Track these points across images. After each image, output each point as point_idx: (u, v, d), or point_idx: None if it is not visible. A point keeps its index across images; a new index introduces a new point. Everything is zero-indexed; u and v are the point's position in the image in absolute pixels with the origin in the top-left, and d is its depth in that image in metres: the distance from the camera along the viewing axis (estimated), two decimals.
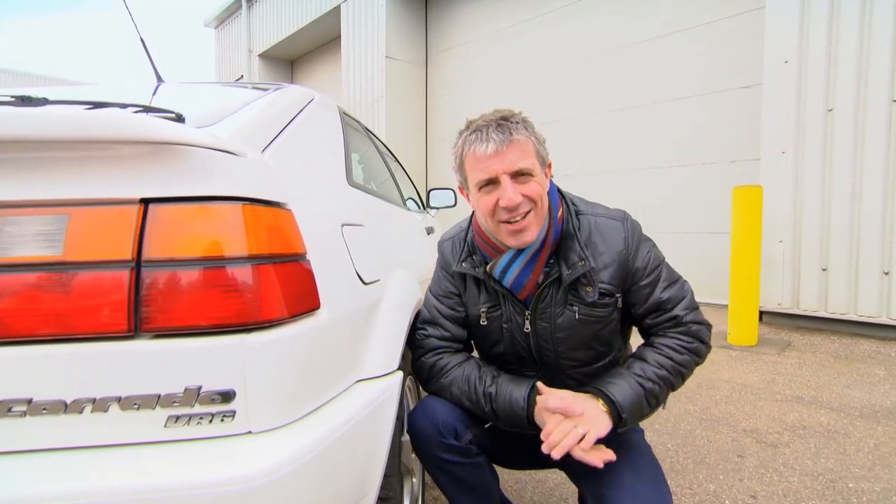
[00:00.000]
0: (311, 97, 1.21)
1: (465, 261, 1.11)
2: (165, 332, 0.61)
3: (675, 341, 1.02)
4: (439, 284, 1.17)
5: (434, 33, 7.28)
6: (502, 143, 0.93)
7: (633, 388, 0.97)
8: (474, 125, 0.98)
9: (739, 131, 4.33)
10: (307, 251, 0.75)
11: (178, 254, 0.61)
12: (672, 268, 1.07)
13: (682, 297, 1.04)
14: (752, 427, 2.05)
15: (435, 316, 1.14)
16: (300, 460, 0.64)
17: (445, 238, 1.20)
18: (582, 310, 1.02)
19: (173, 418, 0.61)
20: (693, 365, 1.04)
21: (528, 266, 1.01)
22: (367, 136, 1.97)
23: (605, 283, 1.01)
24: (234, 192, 0.65)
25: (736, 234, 3.27)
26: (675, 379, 1.01)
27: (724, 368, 2.84)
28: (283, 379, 0.67)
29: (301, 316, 0.71)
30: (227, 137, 0.74)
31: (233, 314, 0.62)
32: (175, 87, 1.33)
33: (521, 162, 0.94)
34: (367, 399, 0.85)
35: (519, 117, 0.98)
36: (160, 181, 0.62)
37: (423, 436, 1.04)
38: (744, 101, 4.28)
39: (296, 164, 0.90)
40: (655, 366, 1.00)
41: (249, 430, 0.63)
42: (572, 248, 1.01)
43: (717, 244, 4.38)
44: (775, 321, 3.79)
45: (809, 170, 3.51)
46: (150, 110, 0.81)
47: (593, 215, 1.05)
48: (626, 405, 0.95)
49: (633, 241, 1.02)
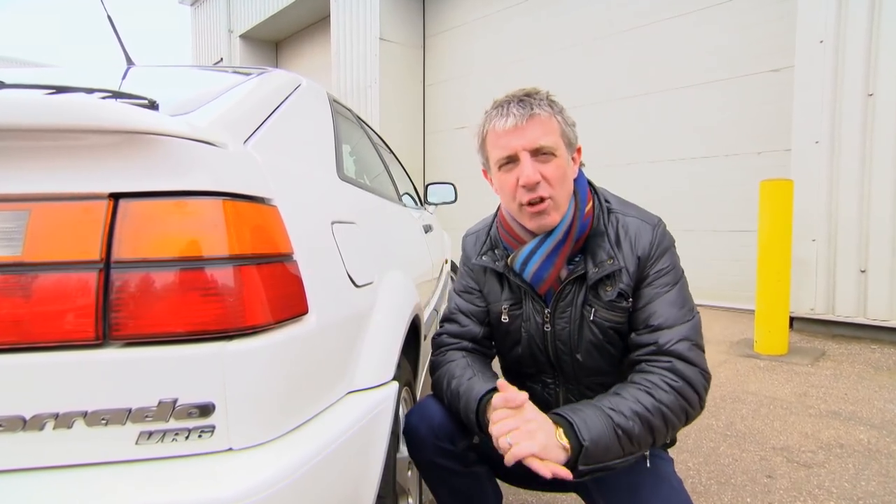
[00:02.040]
0: (297, 83, 1.21)
1: (486, 254, 1.15)
2: (137, 340, 0.61)
3: (658, 377, 0.94)
4: (460, 280, 1.22)
5: (432, 13, 7.28)
6: (522, 118, 0.96)
7: (601, 419, 0.89)
8: (497, 102, 1.02)
9: (767, 119, 4.33)
10: (294, 251, 0.75)
11: (151, 254, 0.61)
12: (689, 295, 1.03)
13: (682, 323, 0.97)
14: (782, 445, 2.05)
15: (452, 311, 1.19)
16: (286, 480, 0.63)
17: (470, 232, 1.25)
18: (599, 311, 1.03)
19: (146, 434, 0.60)
20: (679, 409, 0.93)
21: (549, 258, 1.03)
22: (360, 126, 1.97)
23: (623, 283, 1.02)
24: (214, 187, 0.65)
25: (763, 233, 3.27)
26: (655, 420, 0.91)
27: (750, 380, 2.84)
28: (268, 391, 0.67)
29: (287, 322, 0.70)
30: (205, 127, 0.74)
31: (212, 320, 0.62)
32: (147, 70, 1.33)
33: (543, 139, 0.97)
34: (359, 412, 0.85)
35: (544, 94, 1.01)
36: (131, 174, 0.62)
37: (417, 438, 1.06)
38: (772, 86, 4.28)
39: (281, 156, 0.90)
40: (631, 400, 0.91)
41: (230, 447, 0.63)
42: (602, 245, 1.03)
43: (743, 243, 4.38)
44: (808, 328, 3.79)
45: (846, 161, 3.51)
46: (119, 96, 0.80)
47: (624, 215, 1.06)
48: (587, 434, 0.86)
49: (658, 247, 1.03)
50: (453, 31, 7.00)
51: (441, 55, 7.21)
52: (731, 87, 4.55)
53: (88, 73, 1.25)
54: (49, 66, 1.46)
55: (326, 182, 1.08)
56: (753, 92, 4.42)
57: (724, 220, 4.62)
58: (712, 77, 4.65)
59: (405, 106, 7.29)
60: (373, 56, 7.07)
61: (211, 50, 10.95)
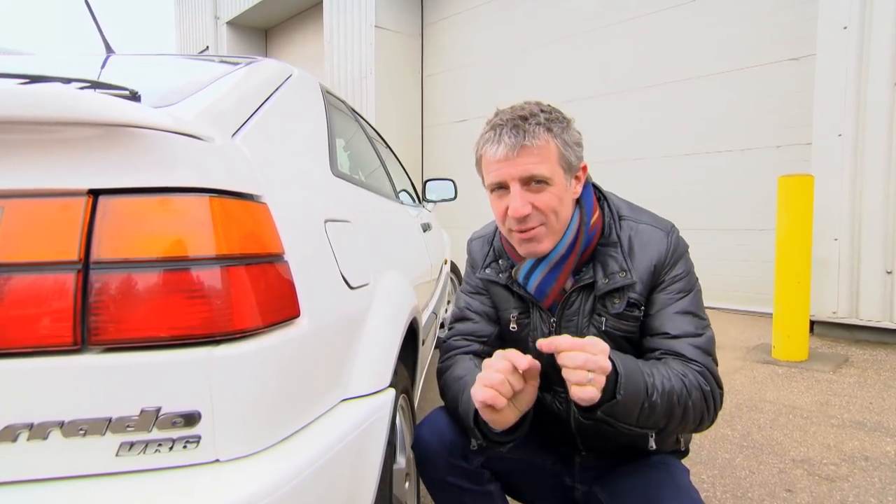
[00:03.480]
0: (288, 73, 1.21)
1: (489, 266, 1.17)
2: (118, 346, 0.61)
3: (693, 375, 0.95)
4: (469, 281, 1.23)
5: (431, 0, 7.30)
6: (513, 149, 0.96)
7: (637, 373, 0.89)
8: (494, 121, 1.02)
9: (787, 111, 4.34)
10: (285, 251, 0.75)
11: (133, 254, 0.61)
12: (703, 307, 1.05)
13: (696, 335, 0.99)
14: (802, 457, 2.05)
15: (463, 309, 1.20)
16: (275, 493, 0.63)
17: (476, 236, 1.26)
18: (609, 321, 1.04)
19: (127, 445, 0.60)
20: (698, 412, 0.95)
21: (552, 272, 1.05)
22: (354, 119, 1.98)
23: (635, 293, 1.03)
24: (200, 183, 0.65)
25: (782, 231, 3.28)
26: (678, 407, 0.92)
27: (768, 387, 2.84)
28: (257, 398, 0.66)
29: (278, 325, 0.71)
30: (190, 119, 0.74)
31: (198, 324, 0.62)
32: (128, 59, 1.33)
33: (535, 168, 0.97)
34: (353, 421, 0.85)
35: (542, 117, 0.98)
36: (112, 170, 0.62)
37: (428, 454, 1.05)
38: (792, 76, 4.29)
39: (271, 150, 0.91)
40: (665, 377, 0.92)
41: (217, 459, 0.63)
42: (614, 256, 1.04)
43: (760, 243, 4.39)
44: (829, 333, 3.79)
45: (871, 155, 3.50)
46: (98, 86, 0.81)
47: (636, 221, 1.07)
48: (623, 390, 0.86)
49: (672, 256, 1.04)
50: (453, 19, 7.00)
51: (440, 44, 7.21)
52: (747, 77, 4.55)
53: (65, 62, 1.25)
54: (22, 53, 1.45)
55: (319, 178, 1.08)
56: (772, 82, 4.42)
57: (740, 217, 4.63)
58: (727, 66, 4.65)
59: (402, 98, 7.29)
60: (368, 45, 7.08)
61: (196, 38, 10.96)
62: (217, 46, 10.37)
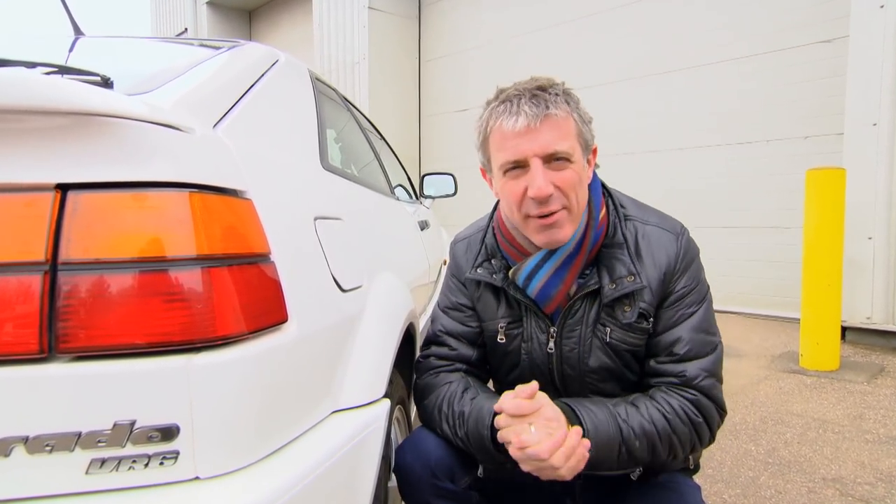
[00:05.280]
0: (275, 58, 1.21)
1: (481, 266, 1.13)
2: (89, 353, 0.60)
3: (679, 404, 0.99)
4: (447, 295, 1.21)
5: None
6: (536, 119, 0.94)
7: (610, 425, 0.94)
8: (504, 94, 1.00)
9: (815, 98, 4.34)
10: (271, 251, 0.75)
11: (105, 254, 0.61)
12: (714, 319, 1.06)
13: (704, 356, 1.01)
14: (834, 475, 2.05)
15: (438, 332, 1.18)
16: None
17: (459, 238, 1.24)
18: (615, 332, 1.03)
19: (98, 462, 0.60)
20: (688, 442, 0.99)
21: (558, 273, 1.03)
22: (346, 109, 1.98)
23: (645, 302, 1.02)
24: (179, 178, 0.65)
25: (810, 229, 3.28)
26: (661, 445, 0.97)
27: (795, 399, 2.84)
28: (240, 410, 0.66)
29: (263, 331, 0.71)
30: (168, 108, 0.74)
31: (177, 330, 0.62)
32: (99, 42, 1.33)
33: (558, 143, 0.95)
34: (345, 434, 0.85)
35: (560, 87, 0.99)
36: (82, 163, 0.62)
37: (411, 477, 1.05)
38: (822, 60, 4.28)
39: (256, 142, 0.91)
40: (645, 418, 0.96)
41: (196, 476, 0.63)
42: (620, 259, 1.03)
43: (786, 241, 4.38)
44: (863, 340, 3.79)
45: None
46: (66, 71, 0.80)
47: (643, 223, 1.07)
48: (594, 435, 0.92)
49: (682, 260, 1.04)
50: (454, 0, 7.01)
51: (439, 27, 7.21)
52: (772, 61, 4.55)
53: (29, 44, 1.25)
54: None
55: (308, 172, 1.09)
56: (800, 66, 4.42)
57: (764, 215, 4.63)
58: (749, 50, 4.65)
59: (398, 85, 7.29)
60: (361, 28, 7.07)
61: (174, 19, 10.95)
62: (196, 29, 10.36)
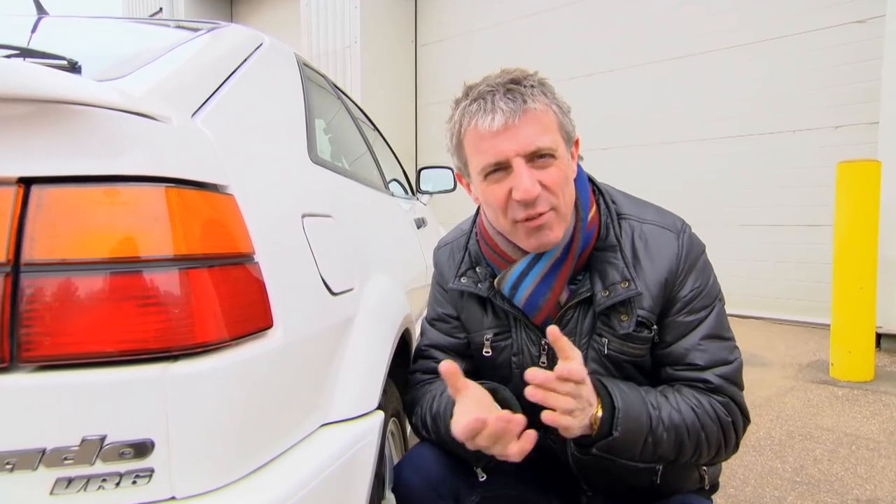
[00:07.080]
0: (259, 42, 1.21)
1: (465, 275, 1.14)
2: (54, 362, 0.60)
3: (708, 400, 1.00)
4: (433, 307, 1.23)
5: None
6: (513, 115, 0.93)
7: (641, 409, 0.94)
8: (475, 91, 0.99)
9: (848, 84, 4.34)
10: (255, 250, 0.75)
11: (73, 254, 0.61)
12: (726, 318, 1.06)
13: (724, 363, 1.02)
14: (868, 496, 2.04)
15: (425, 346, 1.21)
16: None
17: (442, 244, 1.24)
18: (613, 343, 1.03)
19: (64, 482, 0.60)
20: (715, 443, 1.00)
21: (545, 280, 1.03)
22: (337, 97, 1.98)
23: (644, 310, 1.02)
24: (154, 171, 0.65)
25: (842, 227, 3.28)
26: (688, 442, 0.97)
27: (825, 412, 2.84)
28: (221, 424, 0.66)
29: (247, 338, 0.70)
30: (142, 95, 0.74)
31: (152, 336, 0.62)
32: (65, 23, 1.33)
33: (540, 139, 0.95)
34: (335, 449, 0.85)
35: (535, 79, 0.99)
36: (47, 154, 0.62)
37: (413, 497, 1.05)
38: (855, 42, 4.28)
39: (239, 133, 0.91)
40: (675, 408, 0.97)
41: (172, 496, 0.63)
42: (613, 263, 1.03)
43: (814, 241, 4.39)
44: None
45: None
46: (29, 54, 0.80)
47: (639, 221, 1.06)
48: (623, 416, 0.91)
49: (685, 262, 1.03)
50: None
51: (437, 9, 7.22)
52: (800, 44, 4.55)
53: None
54: None
55: (296, 166, 1.09)
56: (830, 50, 4.42)
57: (791, 212, 4.63)
58: (775, 32, 4.65)
59: (393, 72, 7.29)
60: (352, 9, 7.08)
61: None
62: (172, 9, 10.35)
